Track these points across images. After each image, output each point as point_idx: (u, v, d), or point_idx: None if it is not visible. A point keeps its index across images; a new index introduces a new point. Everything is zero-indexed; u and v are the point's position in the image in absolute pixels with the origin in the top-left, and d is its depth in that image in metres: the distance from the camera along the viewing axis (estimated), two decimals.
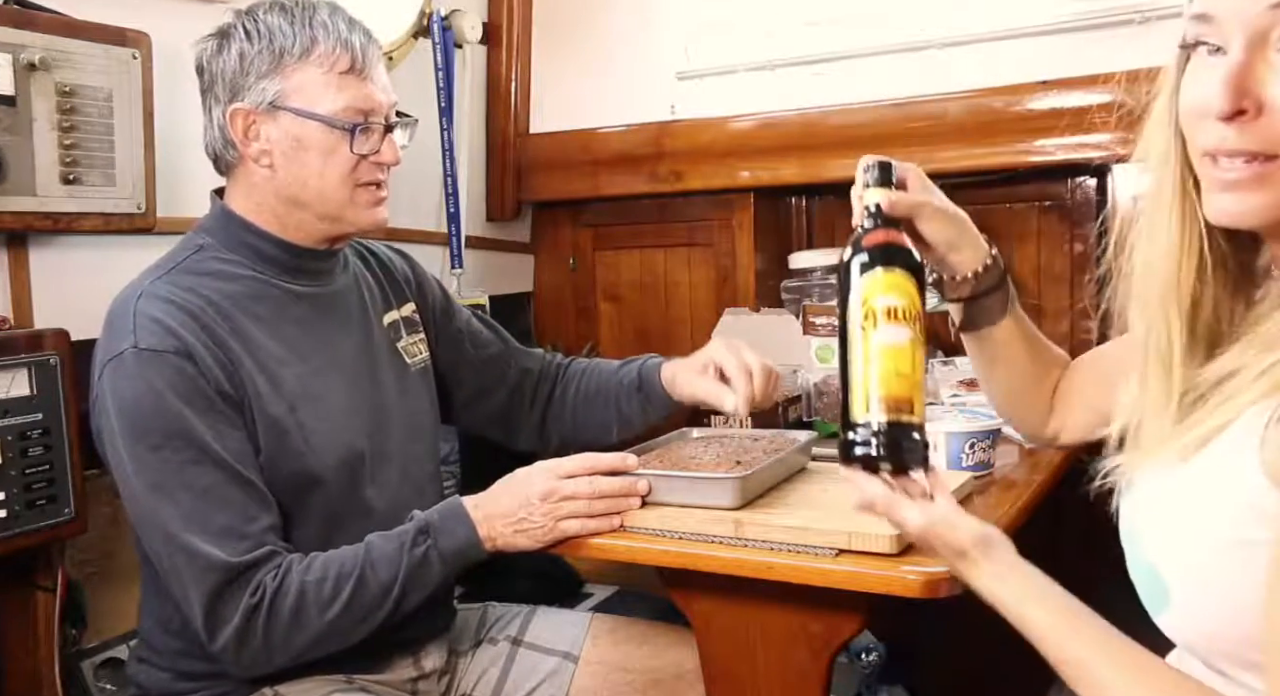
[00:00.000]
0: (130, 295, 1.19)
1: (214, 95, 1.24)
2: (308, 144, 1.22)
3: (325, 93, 1.21)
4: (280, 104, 1.21)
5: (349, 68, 1.22)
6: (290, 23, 1.20)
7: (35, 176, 1.36)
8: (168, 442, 1.12)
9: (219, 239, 1.26)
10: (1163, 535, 0.77)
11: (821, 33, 2.11)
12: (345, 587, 1.13)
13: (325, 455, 1.23)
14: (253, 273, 1.25)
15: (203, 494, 1.12)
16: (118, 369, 1.14)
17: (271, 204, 1.25)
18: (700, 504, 1.17)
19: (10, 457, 1.29)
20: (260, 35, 1.20)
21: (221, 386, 1.16)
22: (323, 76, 1.21)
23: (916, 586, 1.01)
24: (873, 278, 0.90)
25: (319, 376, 1.26)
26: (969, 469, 1.32)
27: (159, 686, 1.25)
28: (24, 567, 1.39)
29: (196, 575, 1.10)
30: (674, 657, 1.37)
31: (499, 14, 2.31)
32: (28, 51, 1.34)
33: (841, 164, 2.03)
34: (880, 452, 0.88)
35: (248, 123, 1.22)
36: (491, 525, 1.18)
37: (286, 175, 1.23)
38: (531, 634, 1.42)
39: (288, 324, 1.26)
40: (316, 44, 1.21)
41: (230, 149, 1.24)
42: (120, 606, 1.55)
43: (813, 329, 1.81)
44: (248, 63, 1.20)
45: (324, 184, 1.23)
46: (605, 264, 2.44)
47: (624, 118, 2.27)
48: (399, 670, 1.32)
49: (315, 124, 1.21)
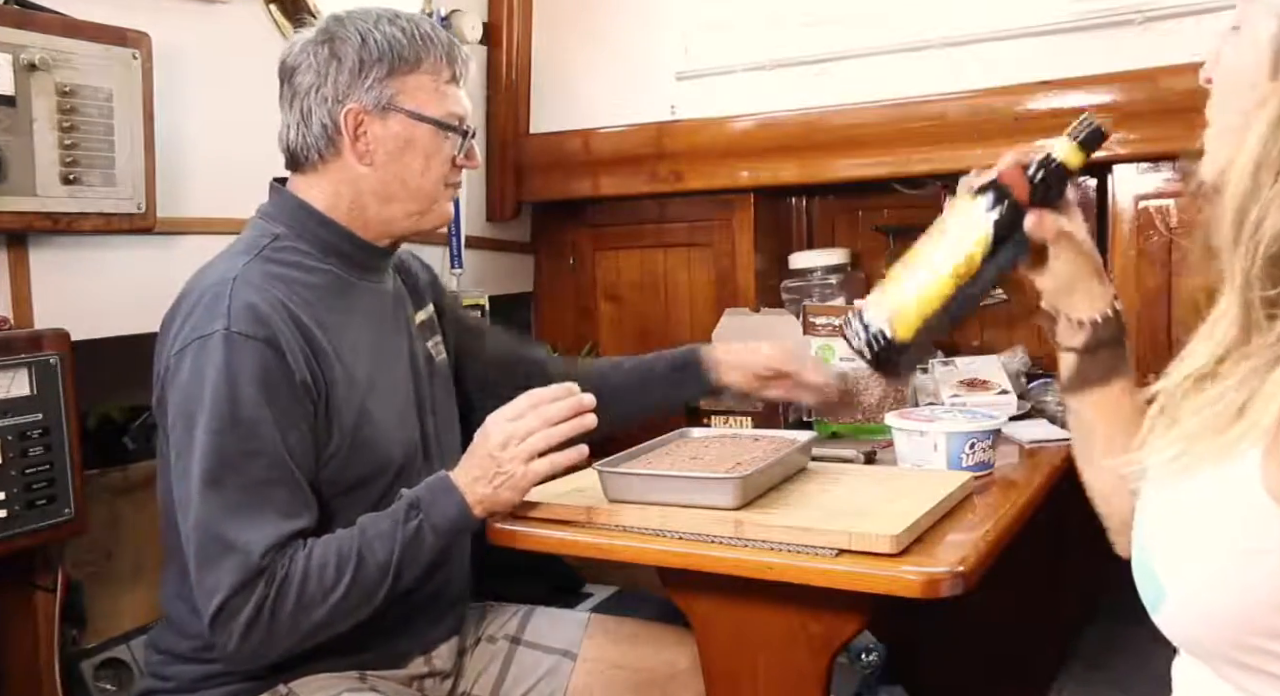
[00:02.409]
0: (225, 276, 1.20)
1: (319, 96, 1.27)
2: (416, 144, 1.29)
3: (434, 98, 1.30)
4: (394, 106, 1.27)
5: (451, 77, 1.31)
6: (404, 32, 1.28)
7: (35, 176, 1.36)
8: (233, 429, 1.13)
9: (293, 231, 1.29)
10: (1164, 535, 0.78)
11: (821, 33, 2.11)
12: (347, 570, 1.15)
13: (393, 445, 1.27)
14: (323, 264, 1.29)
15: (252, 487, 1.13)
16: (205, 347, 1.15)
17: (358, 198, 1.30)
18: (700, 504, 1.17)
19: (10, 458, 1.29)
20: (378, 43, 1.27)
21: (304, 378, 1.18)
22: (432, 83, 1.29)
23: (916, 586, 1.01)
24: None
25: (384, 369, 1.30)
26: (969, 469, 1.32)
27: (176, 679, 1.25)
28: (24, 568, 1.39)
29: (226, 567, 1.11)
30: (671, 656, 1.37)
31: (499, 14, 2.31)
32: (28, 51, 1.34)
33: (841, 164, 2.04)
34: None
35: (358, 121, 1.27)
36: (474, 490, 1.20)
37: (386, 173, 1.29)
38: (530, 632, 1.43)
39: (358, 316, 1.30)
40: (429, 53, 1.29)
41: (330, 146, 1.28)
42: (120, 606, 1.55)
43: (813, 329, 1.81)
44: (366, 67, 1.26)
45: (424, 182, 1.31)
46: (605, 264, 2.44)
47: (624, 118, 2.27)
48: (413, 668, 1.33)
49: (427, 126, 1.29)
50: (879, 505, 1.16)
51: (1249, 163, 0.71)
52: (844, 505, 1.18)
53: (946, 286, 0.96)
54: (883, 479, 1.30)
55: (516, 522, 1.24)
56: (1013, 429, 1.55)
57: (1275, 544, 0.68)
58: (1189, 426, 0.75)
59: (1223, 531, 0.72)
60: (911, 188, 2.09)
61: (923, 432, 1.36)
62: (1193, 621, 0.76)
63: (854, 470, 1.37)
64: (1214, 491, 0.73)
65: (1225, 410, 0.72)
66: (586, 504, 1.22)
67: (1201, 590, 0.74)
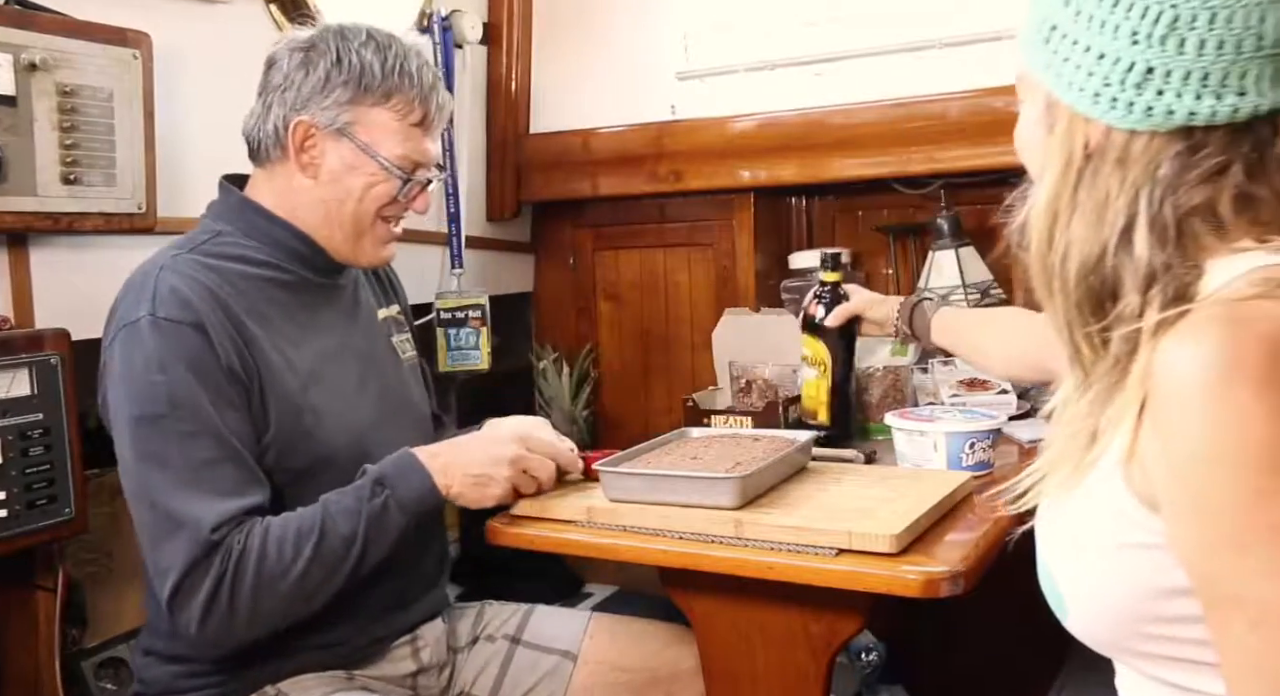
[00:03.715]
0: (151, 267, 1.21)
1: (282, 97, 1.27)
2: (358, 173, 1.28)
3: (391, 138, 1.28)
4: (347, 132, 1.26)
5: (419, 121, 1.29)
6: (381, 63, 1.26)
7: (36, 176, 1.36)
8: (172, 412, 1.13)
9: (237, 227, 1.29)
10: (1056, 546, 0.83)
11: (821, 33, 2.11)
12: (306, 545, 1.13)
13: (335, 435, 1.26)
14: (270, 258, 1.28)
15: (198, 466, 1.13)
16: (131, 336, 1.15)
17: (298, 209, 1.29)
18: (700, 504, 1.17)
19: (11, 457, 1.29)
20: (350, 66, 1.25)
21: (232, 364, 1.17)
22: (395, 123, 1.27)
23: (916, 586, 1.01)
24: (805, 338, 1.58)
25: (330, 360, 1.30)
26: (969, 469, 1.32)
27: (162, 682, 1.25)
28: (24, 567, 1.39)
29: (178, 544, 1.10)
30: (672, 656, 1.37)
31: (499, 14, 2.31)
32: (28, 52, 1.34)
33: (841, 164, 2.04)
34: None
35: (307, 134, 1.26)
36: (450, 474, 1.20)
37: (326, 191, 1.28)
38: (530, 632, 1.43)
39: (302, 308, 1.30)
40: (400, 92, 1.27)
41: (277, 146, 1.28)
42: (120, 606, 1.56)
43: None
44: (330, 85, 1.25)
45: (360, 208, 1.29)
46: (605, 264, 2.44)
47: (624, 118, 2.27)
48: (399, 663, 1.32)
49: (373, 161, 1.27)
50: (879, 505, 1.16)
51: (1042, 212, 0.80)
52: (844, 505, 1.18)
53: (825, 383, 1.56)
54: (883, 479, 1.30)
55: (516, 523, 1.24)
56: (1012, 429, 1.55)
57: (1143, 537, 0.73)
58: (1051, 453, 0.82)
59: (1098, 533, 0.77)
60: (911, 188, 2.09)
61: (923, 433, 1.36)
62: (1093, 620, 0.80)
63: (854, 470, 1.37)
64: (1084, 501, 0.78)
65: (1080, 436, 0.78)
66: (586, 504, 1.22)
67: (1093, 590, 0.78)
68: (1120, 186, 0.75)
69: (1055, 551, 0.82)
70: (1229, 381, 0.64)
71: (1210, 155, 0.73)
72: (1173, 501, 0.69)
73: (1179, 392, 0.67)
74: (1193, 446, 0.66)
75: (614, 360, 2.45)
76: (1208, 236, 0.74)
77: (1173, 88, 0.72)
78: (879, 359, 1.72)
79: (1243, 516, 0.65)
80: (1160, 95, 0.73)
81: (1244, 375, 0.64)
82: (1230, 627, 0.67)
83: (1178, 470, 0.68)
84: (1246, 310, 0.67)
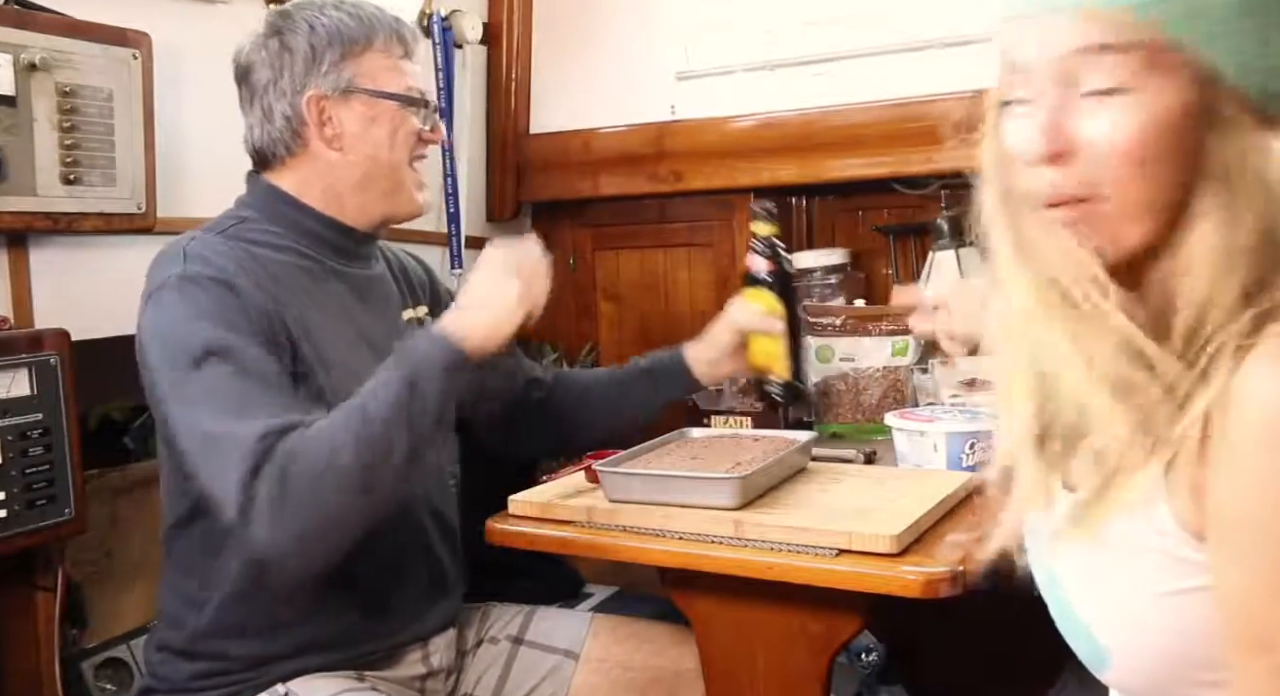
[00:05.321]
0: (177, 242, 1.21)
1: (278, 89, 1.27)
2: (381, 120, 1.30)
3: (392, 76, 1.31)
4: (353, 88, 1.28)
5: (404, 53, 1.33)
6: (349, 16, 1.29)
7: (36, 176, 1.36)
8: (207, 358, 1.12)
9: (263, 214, 1.29)
10: (1095, 599, 0.78)
11: (821, 33, 2.11)
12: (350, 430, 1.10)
13: None
14: (296, 245, 1.28)
15: (242, 396, 1.11)
16: (161, 296, 1.15)
17: (331, 187, 1.30)
18: (700, 504, 1.17)
19: (10, 457, 1.29)
20: (327, 28, 1.28)
21: (267, 320, 1.17)
22: (387, 61, 1.31)
23: (916, 586, 1.01)
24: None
25: (352, 348, 1.29)
26: (969, 469, 1.32)
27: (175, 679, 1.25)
28: (24, 568, 1.39)
29: (228, 461, 1.08)
30: (674, 656, 1.37)
31: (499, 14, 2.31)
32: (28, 52, 1.34)
33: (841, 164, 2.04)
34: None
35: (320, 108, 1.27)
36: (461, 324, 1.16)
37: (356, 154, 1.29)
38: (532, 633, 1.43)
39: (327, 295, 1.29)
40: (377, 33, 1.30)
41: (296, 138, 1.28)
42: (120, 606, 1.55)
43: (813, 329, 1.81)
44: (318, 54, 1.27)
45: (394, 156, 1.31)
46: (605, 264, 2.44)
47: (624, 118, 2.27)
48: (410, 666, 1.32)
49: (389, 102, 1.29)
50: (879, 505, 1.16)
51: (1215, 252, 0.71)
52: (844, 505, 1.18)
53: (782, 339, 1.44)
54: (883, 479, 1.30)
55: (517, 523, 1.24)
56: None
57: (1193, 578, 0.69)
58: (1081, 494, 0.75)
59: (1145, 580, 0.73)
60: (911, 188, 2.09)
61: (923, 432, 1.36)
62: (1142, 673, 0.76)
63: (854, 470, 1.38)
64: (1124, 546, 0.73)
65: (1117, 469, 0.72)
66: (586, 504, 1.22)
67: (1143, 643, 0.75)
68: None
69: (1093, 604, 0.78)
70: None
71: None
72: (1223, 535, 0.66)
73: (1259, 419, 0.62)
74: (1264, 479, 0.62)
75: (614, 360, 2.43)
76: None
77: None
78: (879, 359, 1.72)
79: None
80: None
81: None
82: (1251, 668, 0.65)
83: (1240, 501, 0.64)
84: None
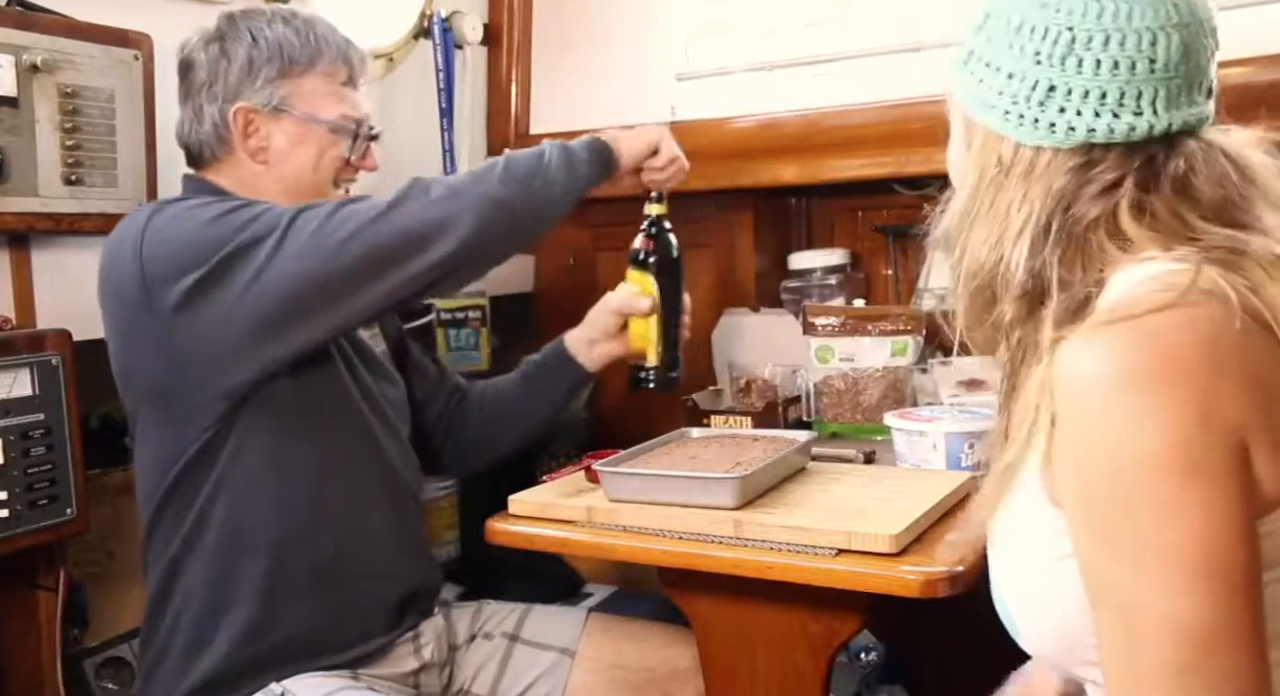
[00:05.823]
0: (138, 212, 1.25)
1: (210, 93, 1.29)
2: (308, 143, 1.30)
3: (327, 101, 1.31)
4: (284, 107, 1.29)
5: (348, 79, 1.33)
6: (296, 34, 1.29)
7: (37, 177, 1.37)
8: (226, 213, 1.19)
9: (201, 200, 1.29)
10: (999, 565, 0.84)
11: (821, 33, 2.11)
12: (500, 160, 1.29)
13: None
14: None
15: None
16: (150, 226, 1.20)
17: (262, 191, 1.30)
18: (700, 504, 1.18)
19: (12, 457, 1.29)
20: (269, 43, 1.28)
21: None
22: (326, 86, 1.31)
23: (916, 586, 1.01)
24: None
25: None
26: (969, 468, 1.32)
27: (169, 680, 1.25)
28: (25, 567, 1.39)
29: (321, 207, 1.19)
30: (670, 655, 1.38)
31: (499, 15, 2.31)
32: (30, 53, 1.34)
33: (841, 164, 2.03)
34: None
35: (248, 120, 1.28)
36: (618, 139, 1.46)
37: (281, 170, 1.31)
38: (528, 630, 1.44)
39: None
40: (321, 56, 1.30)
41: (221, 143, 1.30)
42: (122, 606, 1.56)
43: (813, 329, 1.81)
44: (255, 67, 1.28)
45: (318, 178, 1.32)
46: (605, 264, 2.43)
47: (624, 118, 2.25)
48: (402, 661, 1.33)
49: (319, 126, 1.30)
50: (879, 505, 1.16)
51: (955, 222, 0.88)
52: (844, 505, 1.18)
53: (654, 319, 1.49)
54: (882, 478, 1.30)
55: (516, 522, 1.24)
56: None
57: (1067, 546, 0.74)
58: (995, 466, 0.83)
59: (1035, 547, 0.78)
60: (911, 188, 2.09)
61: (922, 433, 1.36)
62: (1043, 637, 0.81)
63: (854, 470, 1.38)
64: (1017, 517, 0.80)
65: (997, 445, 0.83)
66: (586, 504, 1.23)
67: (1037, 606, 0.80)
68: (1022, 199, 0.80)
69: (1000, 570, 0.84)
70: (1124, 386, 0.67)
71: (1106, 170, 0.78)
72: (1064, 500, 0.72)
73: (1074, 397, 0.69)
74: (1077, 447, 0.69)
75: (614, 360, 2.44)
76: (1112, 248, 0.77)
77: (1073, 105, 0.78)
78: (878, 359, 1.72)
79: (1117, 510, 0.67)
80: (1062, 112, 0.78)
81: (1137, 380, 0.66)
82: (1103, 620, 0.69)
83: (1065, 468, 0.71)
84: (1141, 316, 0.69)
